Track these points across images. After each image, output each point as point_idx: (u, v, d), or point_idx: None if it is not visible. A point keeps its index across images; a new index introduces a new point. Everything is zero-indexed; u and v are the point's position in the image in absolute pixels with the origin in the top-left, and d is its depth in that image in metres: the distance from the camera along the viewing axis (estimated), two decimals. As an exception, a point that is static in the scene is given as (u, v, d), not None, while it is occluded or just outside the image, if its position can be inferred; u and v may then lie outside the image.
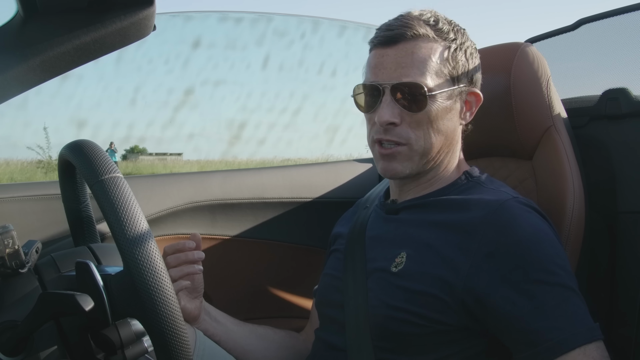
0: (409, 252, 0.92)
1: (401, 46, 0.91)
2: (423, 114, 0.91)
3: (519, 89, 1.07)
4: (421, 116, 0.91)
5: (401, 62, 0.90)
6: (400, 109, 0.91)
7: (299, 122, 45.96)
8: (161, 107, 44.54)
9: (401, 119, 0.91)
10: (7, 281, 0.76)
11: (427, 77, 0.90)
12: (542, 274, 0.81)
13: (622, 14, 1.19)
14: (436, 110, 0.91)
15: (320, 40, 16.57)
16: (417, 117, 0.91)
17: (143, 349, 0.80)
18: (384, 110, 0.90)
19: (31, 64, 0.74)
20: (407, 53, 0.90)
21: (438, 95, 0.91)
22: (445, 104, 0.92)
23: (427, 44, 0.91)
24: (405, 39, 0.90)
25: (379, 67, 0.92)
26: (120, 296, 0.70)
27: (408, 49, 0.90)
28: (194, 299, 1.01)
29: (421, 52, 0.90)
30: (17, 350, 0.73)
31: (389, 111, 0.90)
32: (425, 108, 0.90)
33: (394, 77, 0.90)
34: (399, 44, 0.91)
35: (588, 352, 0.77)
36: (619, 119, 1.14)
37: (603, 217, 1.12)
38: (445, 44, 0.92)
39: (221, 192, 1.44)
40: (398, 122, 0.91)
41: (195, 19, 2.79)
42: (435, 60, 0.91)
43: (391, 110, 0.90)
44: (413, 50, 0.90)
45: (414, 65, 0.90)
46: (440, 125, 0.93)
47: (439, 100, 0.91)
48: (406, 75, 0.90)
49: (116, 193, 0.67)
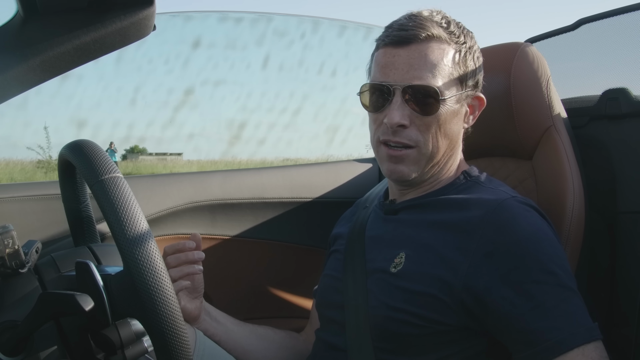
0: (407, 252, 0.91)
1: (414, 47, 0.89)
2: (433, 118, 0.90)
3: (519, 89, 1.07)
4: (431, 119, 0.90)
5: (414, 64, 0.89)
6: (410, 111, 0.90)
7: (299, 122, 45.93)
8: (161, 107, 44.55)
9: (410, 121, 0.90)
10: (7, 281, 0.76)
11: (438, 80, 0.89)
12: (542, 274, 0.81)
13: (622, 14, 1.19)
14: (445, 114, 0.91)
15: (320, 40, 16.56)
16: (427, 120, 0.90)
17: (143, 349, 0.80)
18: (395, 112, 0.89)
19: (31, 64, 0.74)
20: (420, 55, 0.89)
21: (448, 99, 0.90)
22: (454, 107, 0.92)
23: (440, 46, 0.90)
24: (418, 40, 0.89)
25: (389, 67, 0.90)
26: (120, 296, 0.70)
27: (421, 51, 0.89)
28: (194, 299, 1.01)
29: (434, 54, 0.89)
30: (17, 350, 0.73)
31: (399, 113, 0.89)
32: (437, 112, 0.89)
33: (406, 79, 0.89)
34: (412, 44, 0.89)
35: (587, 352, 0.77)
36: (619, 119, 1.14)
37: (603, 217, 1.12)
38: (456, 47, 0.91)
39: (221, 192, 1.44)
40: (408, 124, 0.90)
41: (195, 19, 2.79)
42: (447, 63, 0.90)
43: (402, 112, 0.89)
44: (426, 52, 0.89)
45: (427, 67, 0.88)
46: (447, 129, 0.92)
47: (449, 104, 0.91)
48: (418, 77, 0.88)
49: (116, 193, 0.67)
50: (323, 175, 1.57)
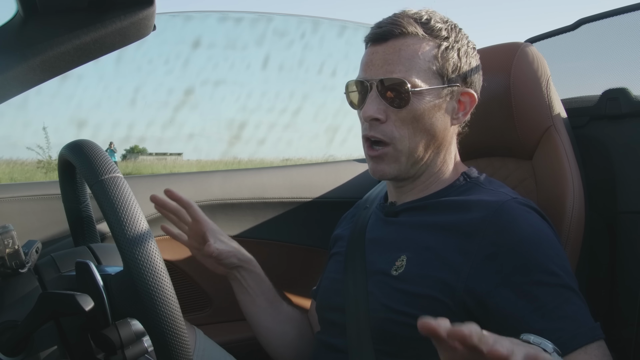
0: (409, 255, 0.91)
1: (390, 43, 0.92)
2: (407, 112, 0.91)
3: (519, 89, 1.07)
4: (405, 113, 0.91)
5: (388, 59, 0.91)
6: (385, 105, 0.91)
7: (299, 122, 45.94)
8: (161, 107, 44.57)
9: (386, 116, 0.92)
10: (7, 281, 0.76)
11: (412, 73, 0.90)
12: (543, 275, 0.81)
13: (622, 14, 1.19)
14: (422, 109, 0.91)
15: (320, 40, 16.56)
16: (401, 114, 0.91)
17: (143, 349, 0.80)
18: (369, 106, 0.91)
19: (31, 64, 0.74)
20: (395, 50, 0.91)
21: (424, 92, 0.91)
22: (433, 102, 0.92)
23: (416, 42, 0.91)
24: (393, 36, 0.91)
25: (368, 64, 0.93)
26: (120, 296, 0.70)
27: (396, 46, 0.91)
28: (222, 242, 1.08)
29: (408, 49, 0.91)
30: (17, 350, 0.73)
31: (374, 106, 0.91)
32: (408, 105, 0.90)
33: (380, 73, 0.91)
34: (388, 41, 0.92)
35: (590, 352, 0.77)
36: (619, 119, 1.14)
37: (603, 217, 1.12)
38: (436, 42, 0.92)
39: (221, 192, 1.44)
40: (383, 118, 0.92)
41: (195, 19, 2.79)
42: (423, 58, 0.91)
43: (376, 106, 0.91)
44: (400, 47, 0.91)
45: (400, 62, 0.90)
46: (427, 125, 0.92)
47: (426, 98, 0.91)
48: (391, 71, 0.90)
49: (116, 193, 0.67)
50: (323, 175, 1.57)
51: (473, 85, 0.97)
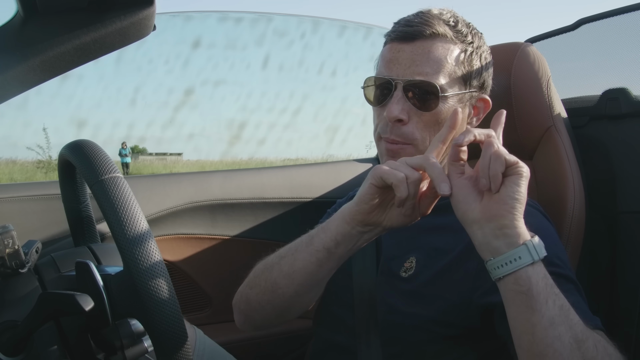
0: (418, 256, 0.92)
1: (418, 43, 0.89)
2: (432, 115, 0.90)
3: (519, 89, 1.07)
4: (430, 117, 0.90)
5: (416, 60, 0.89)
6: (410, 106, 0.90)
7: (299, 122, 45.96)
8: (161, 107, 44.60)
9: (409, 117, 0.90)
10: (7, 281, 0.76)
11: (440, 77, 0.89)
12: (546, 266, 0.81)
13: (622, 14, 1.19)
14: (446, 113, 0.90)
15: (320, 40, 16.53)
16: (425, 117, 0.90)
17: (143, 349, 0.80)
18: (394, 106, 0.89)
19: (31, 64, 0.74)
20: (424, 51, 0.89)
21: (450, 97, 0.90)
22: (456, 107, 0.91)
23: (445, 44, 0.89)
24: (423, 37, 0.89)
25: (393, 62, 0.91)
26: (120, 296, 0.70)
27: (425, 47, 0.89)
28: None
29: (438, 51, 0.89)
30: (17, 350, 0.73)
31: (398, 107, 0.89)
32: (435, 108, 0.89)
33: (408, 74, 0.89)
34: (416, 41, 0.89)
35: None
36: (619, 119, 1.14)
37: (603, 217, 1.12)
38: (462, 46, 0.91)
39: (221, 192, 1.44)
40: (406, 119, 0.90)
41: (195, 19, 2.79)
42: (450, 62, 0.89)
43: (401, 107, 0.89)
44: (430, 48, 0.89)
45: (429, 64, 0.88)
46: None
47: (450, 102, 0.90)
48: (420, 73, 0.88)
49: (116, 193, 0.67)
50: (323, 175, 1.57)
51: (487, 90, 0.97)
